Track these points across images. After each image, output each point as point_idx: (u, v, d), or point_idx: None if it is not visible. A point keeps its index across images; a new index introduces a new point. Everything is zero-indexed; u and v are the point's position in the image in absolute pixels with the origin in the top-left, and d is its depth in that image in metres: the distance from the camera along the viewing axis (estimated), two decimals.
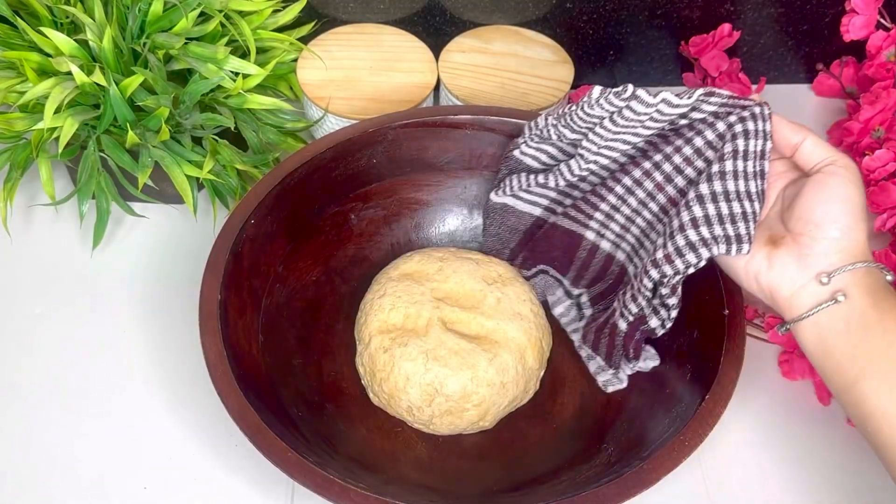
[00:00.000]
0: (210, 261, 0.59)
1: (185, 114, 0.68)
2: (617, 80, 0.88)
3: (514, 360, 0.61)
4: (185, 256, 0.74)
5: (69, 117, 0.64)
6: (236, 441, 0.63)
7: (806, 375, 0.67)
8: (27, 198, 0.77)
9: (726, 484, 0.63)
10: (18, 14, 0.67)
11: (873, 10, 0.76)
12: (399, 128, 0.67)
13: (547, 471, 0.60)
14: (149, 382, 0.67)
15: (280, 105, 0.72)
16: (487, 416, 0.61)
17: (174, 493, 0.62)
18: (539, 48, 0.80)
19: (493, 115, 0.68)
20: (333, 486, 0.50)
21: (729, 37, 0.83)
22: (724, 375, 0.55)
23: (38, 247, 0.74)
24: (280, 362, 0.62)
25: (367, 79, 0.78)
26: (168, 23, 0.67)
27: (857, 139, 0.79)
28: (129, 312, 0.71)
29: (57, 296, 0.72)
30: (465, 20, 0.83)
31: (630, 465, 0.53)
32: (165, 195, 0.75)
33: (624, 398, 0.63)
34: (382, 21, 0.82)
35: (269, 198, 0.63)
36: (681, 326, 0.61)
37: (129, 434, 0.64)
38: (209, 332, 0.56)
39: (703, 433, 0.52)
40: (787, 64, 0.88)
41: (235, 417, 0.52)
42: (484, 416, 0.61)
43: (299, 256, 0.67)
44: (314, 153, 0.65)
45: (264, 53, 0.75)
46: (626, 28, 0.83)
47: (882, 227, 0.73)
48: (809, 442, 0.66)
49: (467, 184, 0.71)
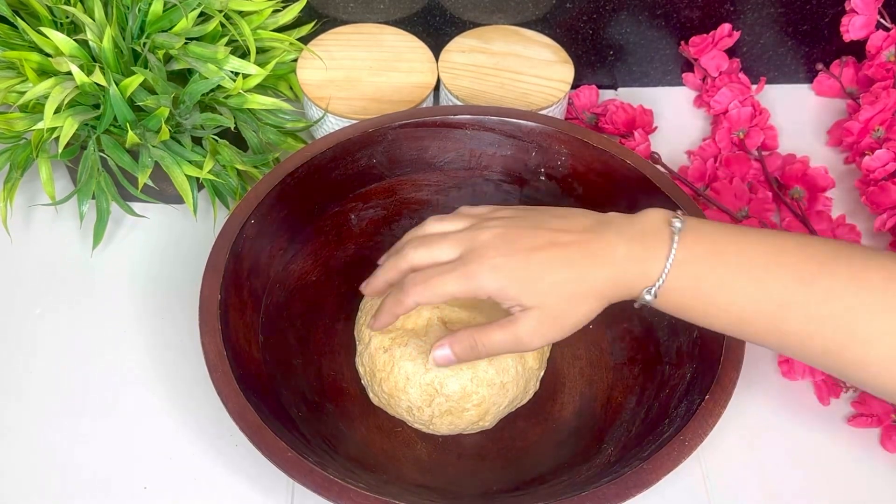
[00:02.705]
0: (210, 261, 0.59)
1: (185, 114, 0.68)
2: (617, 80, 0.88)
3: (513, 361, 0.61)
4: (185, 256, 0.74)
5: (69, 117, 0.64)
6: (236, 441, 0.63)
7: (806, 375, 0.67)
8: (27, 198, 0.77)
9: (726, 484, 0.63)
10: (18, 14, 0.67)
11: (873, 10, 0.76)
12: (399, 128, 0.67)
13: (547, 471, 0.60)
14: (149, 382, 0.67)
15: (280, 105, 0.72)
16: (487, 416, 0.61)
17: (174, 493, 0.62)
18: (539, 48, 0.80)
19: (493, 115, 0.68)
20: (333, 486, 0.50)
21: (729, 37, 0.83)
22: (725, 376, 0.55)
23: (38, 247, 0.74)
24: (280, 362, 0.62)
25: (367, 79, 0.78)
26: (168, 23, 0.67)
27: (857, 139, 0.79)
28: (130, 312, 0.71)
29: (57, 296, 0.72)
30: (465, 20, 0.83)
31: (630, 465, 0.53)
32: (165, 195, 0.75)
33: (624, 398, 0.63)
34: (382, 21, 0.82)
35: (269, 198, 0.63)
36: (681, 326, 0.62)
37: (129, 434, 0.64)
38: (209, 332, 0.56)
39: (703, 433, 0.52)
40: (787, 64, 0.88)
41: (235, 417, 0.52)
42: (484, 416, 0.61)
43: (299, 256, 0.67)
44: (314, 153, 0.65)
45: (264, 53, 0.75)
46: (626, 28, 0.83)
47: (882, 227, 0.73)
48: (809, 442, 0.66)
49: (467, 184, 0.71)
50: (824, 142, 0.85)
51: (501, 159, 0.69)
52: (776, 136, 0.83)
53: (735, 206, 0.75)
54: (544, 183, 0.69)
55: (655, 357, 0.63)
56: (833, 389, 0.67)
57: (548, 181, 0.69)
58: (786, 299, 0.48)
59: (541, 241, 0.52)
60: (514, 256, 0.52)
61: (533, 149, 0.68)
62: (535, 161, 0.69)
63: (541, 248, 0.52)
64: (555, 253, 0.51)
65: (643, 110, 0.82)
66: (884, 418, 0.65)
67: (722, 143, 0.80)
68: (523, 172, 0.70)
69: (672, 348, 0.62)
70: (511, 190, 0.70)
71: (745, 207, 0.75)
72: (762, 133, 0.81)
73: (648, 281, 0.51)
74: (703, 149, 0.81)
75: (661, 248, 0.50)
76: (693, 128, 0.86)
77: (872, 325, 0.46)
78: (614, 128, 0.81)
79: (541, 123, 0.67)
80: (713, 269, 0.49)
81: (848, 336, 0.46)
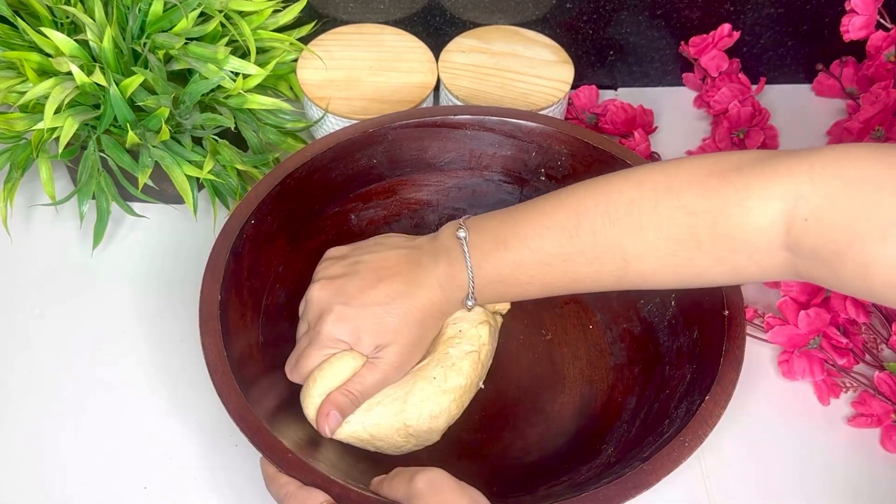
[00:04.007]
0: (210, 261, 0.59)
1: (185, 114, 0.68)
2: (617, 80, 0.88)
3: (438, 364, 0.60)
4: (185, 256, 0.74)
5: (69, 117, 0.64)
6: (236, 441, 0.63)
7: (806, 375, 0.67)
8: (27, 198, 0.77)
9: (726, 484, 0.63)
10: (18, 14, 0.67)
11: (873, 10, 0.76)
12: (399, 128, 0.67)
13: (547, 471, 0.60)
14: (149, 382, 0.67)
15: (280, 105, 0.72)
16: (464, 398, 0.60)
17: (174, 493, 0.62)
18: (539, 48, 0.80)
19: (493, 115, 0.68)
20: (334, 486, 0.50)
21: (729, 37, 0.83)
22: (724, 377, 0.55)
23: (38, 247, 0.74)
24: (280, 362, 0.62)
25: (367, 79, 0.78)
26: (168, 23, 0.67)
27: (857, 139, 0.79)
28: (130, 312, 0.71)
29: (57, 296, 0.72)
30: (465, 20, 0.83)
31: (630, 465, 0.53)
32: (165, 195, 0.75)
33: (624, 398, 0.63)
34: (382, 21, 0.82)
35: (269, 198, 0.63)
36: (681, 327, 0.62)
37: (129, 434, 0.64)
38: (209, 332, 0.56)
39: (703, 434, 0.52)
40: (787, 64, 0.88)
41: (235, 417, 0.52)
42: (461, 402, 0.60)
43: (299, 256, 0.67)
44: (314, 153, 0.65)
45: (264, 53, 0.75)
46: (626, 28, 0.83)
47: None
48: (809, 442, 0.66)
49: (467, 184, 0.71)
50: (824, 142, 0.85)
51: (501, 159, 0.69)
52: (776, 136, 0.83)
53: None
54: (544, 183, 0.69)
55: (655, 357, 0.63)
56: (833, 389, 0.67)
57: (548, 181, 0.69)
58: (566, 254, 0.54)
59: (368, 280, 0.58)
60: (350, 303, 0.57)
61: (533, 149, 0.68)
62: (535, 161, 0.69)
63: (370, 286, 0.57)
64: (384, 288, 0.57)
65: (643, 110, 0.82)
66: (884, 418, 0.65)
67: (722, 144, 0.80)
68: (523, 172, 0.70)
69: (672, 349, 0.62)
70: (511, 190, 0.70)
71: None
72: (762, 133, 0.81)
73: (463, 291, 0.57)
74: (703, 149, 0.81)
75: (460, 259, 0.56)
76: (693, 128, 0.86)
77: (637, 244, 0.52)
78: (614, 128, 0.81)
79: (541, 123, 0.67)
80: (503, 257, 0.55)
81: (624, 260, 0.53)
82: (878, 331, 0.69)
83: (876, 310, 0.69)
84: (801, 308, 0.67)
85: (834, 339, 0.67)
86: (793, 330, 0.67)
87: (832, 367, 0.67)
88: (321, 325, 0.57)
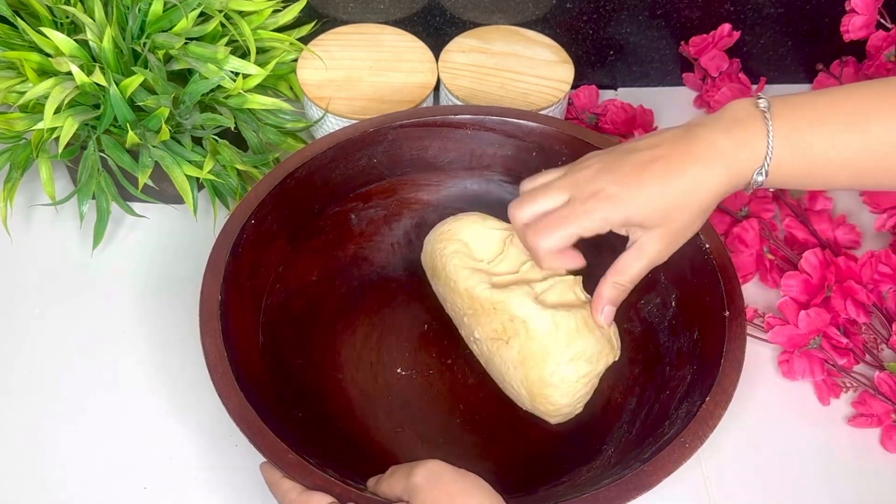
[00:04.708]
0: (210, 261, 0.59)
1: (185, 114, 0.68)
2: (617, 80, 0.88)
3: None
4: (185, 256, 0.74)
5: (69, 117, 0.64)
6: (236, 441, 0.63)
7: (806, 375, 0.67)
8: (27, 198, 0.77)
9: (726, 484, 0.63)
10: (18, 14, 0.67)
11: (873, 10, 0.76)
12: (399, 128, 0.67)
13: (547, 472, 0.60)
14: (149, 382, 0.67)
15: (280, 105, 0.72)
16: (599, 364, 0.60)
17: (174, 493, 0.62)
18: (539, 48, 0.80)
19: (493, 115, 0.68)
20: (334, 487, 0.50)
21: (729, 37, 0.83)
22: (725, 377, 0.55)
23: (38, 247, 0.74)
24: (280, 362, 0.62)
25: (367, 79, 0.78)
26: (168, 23, 0.67)
27: None
28: (130, 312, 0.71)
29: (57, 296, 0.72)
30: (465, 20, 0.82)
31: (630, 466, 0.53)
32: (165, 195, 0.75)
33: (624, 399, 0.63)
34: (382, 21, 0.82)
35: (269, 198, 0.63)
36: (681, 327, 0.62)
37: (129, 434, 0.64)
38: (209, 332, 0.56)
39: (703, 435, 0.52)
40: (787, 64, 0.88)
41: (235, 417, 0.52)
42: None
43: (299, 256, 0.67)
44: (314, 153, 0.65)
45: (264, 53, 0.75)
46: (626, 28, 0.83)
47: (882, 226, 0.73)
48: (809, 442, 0.66)
49: (468, 184, 0.71)
50: None
51: (502, 159, 0.69)
52: None
53: (735, 205, 0.75)
54: None
55: (655, 358, 0.63)
56: (833, 389, 0.67)
57: None
58: (893, 139, 0.49)
59: (645, 158, 0.52)
60: (625, 182, 0.52)
61: (533, 149, 0.68)
62: (535, 161, 0.69)
63: (646, 165, 0.52)
64: (661, 167, 0.52)
65: (643, 110, 0.82)
66: (884, 418, 0.65)
67: None
68: (524, 172, 0.69)
69: (672, 349, 0.62)
70: (512, 190, 0.70)
71: (745, 207, 0.75)
72: None
73: (757, 162, 0.51)
74: None
75: (759, 128, 0.51)
76: None
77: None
78: (614, 128, 0.81)
79: (541, 123, 0.67)
80: (818, 132, 0.51)
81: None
82: (878, 331, 0.69)
83: (876, 310, 0.69)
84: (801, 308, 0.67)
85: (834, 339, 0.67)
86: (793, 330, 0.67)
87: (832, 367, 0.67)
88: (594, 201, 0.52)
